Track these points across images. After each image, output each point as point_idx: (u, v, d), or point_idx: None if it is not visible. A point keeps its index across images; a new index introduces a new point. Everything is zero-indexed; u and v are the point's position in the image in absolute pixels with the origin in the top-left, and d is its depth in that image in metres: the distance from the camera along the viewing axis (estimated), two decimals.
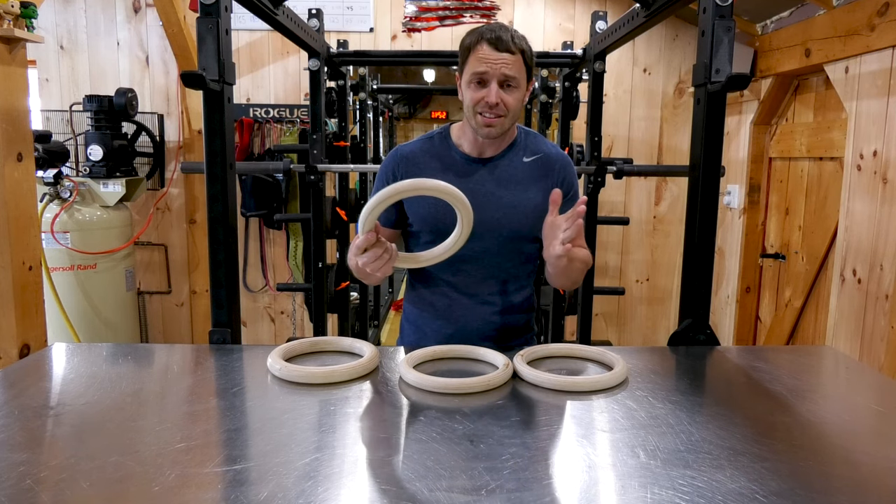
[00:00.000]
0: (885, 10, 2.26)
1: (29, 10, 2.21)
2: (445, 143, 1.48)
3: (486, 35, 1.33)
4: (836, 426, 1.06)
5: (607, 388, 1.17)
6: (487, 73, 1.32)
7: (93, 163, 3.34)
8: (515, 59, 1.32)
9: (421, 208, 1.44)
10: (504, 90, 1.34)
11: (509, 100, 1.34)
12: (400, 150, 1.50)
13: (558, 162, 1.48)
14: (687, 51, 3.75)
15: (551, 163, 1.47)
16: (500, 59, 1.31)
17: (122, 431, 0.98)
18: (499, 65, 1.31)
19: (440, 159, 1.46)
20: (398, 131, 6.93)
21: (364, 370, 1.23)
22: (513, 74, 1.32)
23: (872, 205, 2.38)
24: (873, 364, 2.36)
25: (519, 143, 1.47)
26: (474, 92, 1.35)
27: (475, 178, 1.43)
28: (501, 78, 1.32)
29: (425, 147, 1.48)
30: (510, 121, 1.38)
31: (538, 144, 1.49)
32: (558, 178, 1.46)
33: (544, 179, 1.45)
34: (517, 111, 1.37)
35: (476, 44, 1.34)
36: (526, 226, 1.45)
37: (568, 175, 1.48)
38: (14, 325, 2.28)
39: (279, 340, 3.93)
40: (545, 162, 1.47)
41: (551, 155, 1.48)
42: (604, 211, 3.55)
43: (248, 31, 3.71)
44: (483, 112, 1.35)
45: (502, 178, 1.44)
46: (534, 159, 1.46)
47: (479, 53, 1.33)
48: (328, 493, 0.80)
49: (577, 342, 2.78)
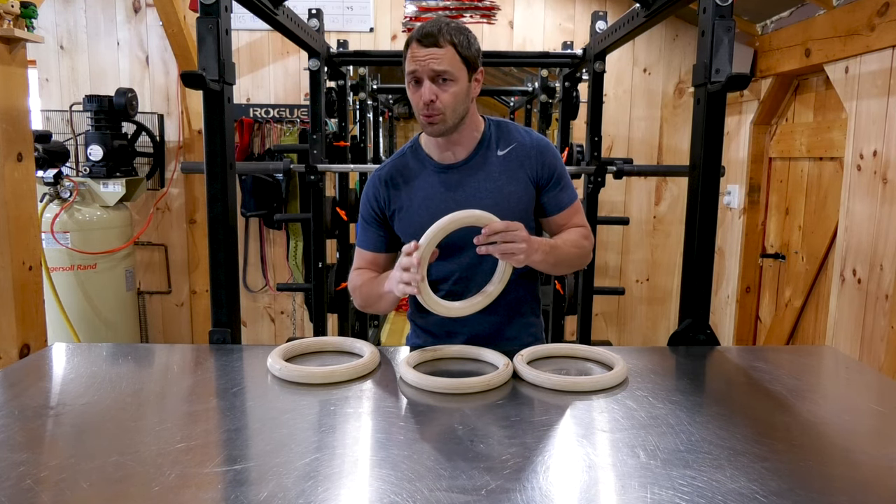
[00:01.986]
0: (885, 10, 2.26)
1: (29, 10, 2.21)
2: (417, 156, 1.47)
3: (416, 34, 1.32)
4: (836, 426, 1.06)
5: (607, 388, 1.17)
6: (417, 70, 1.31)
7: (93, 163, 3.34)
8: (445, 52, 1.29)
9: (409, 227, 1.43)
10: (438, 85, 1.31)
11: (444, 95, 1.31)
12: (378, 173, 1.49)
13: (534, 148, 1.44)
14: (687, 51, 3.75)
15: (526, 151, 1.43)
16: (429, 54, 1.29)
17: (122, 431, 0.98)
18: (427, 61, 1.29)
19: (417, 173, 1.45)
20: (398, 131, 6.93)
21: (364, 370, 1.23)
22: (443, 68, 1.29)
23: (872, 205, 2.38)
24: (873, 364, 2.36)
25: (489, 138, 1.44)
26: (413, 93, 1.34)
27: (454, 185, 1.42)
28: (431, 74, 1.30)
29: (400, 165, 1.47)
30: (452, 116, 1.34)
31: (510, 134, 1.46)
32: (536, 165, 1.43)
33: (521, 169, 1.43)
34: (457, 106, 1.33)
35: (408, 44, 1.33)
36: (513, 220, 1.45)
37: (547, 159, 1.44)
38: (14, 325, 2.28)
39: (279, 340, 3.93)
40: (520, 151, 1.43)
41: (524, 143, 1.44)
42: (604, 211, 3.55)
43: (248, 31, 3.71)
44: (423, 111, 1.33)
45: (479, 178, 1.42)
46: (507, 151, 1.43)
47: (411, 52, 1.32)
48: (328, 493, 0.80)
49: (577, 342, 2.78)
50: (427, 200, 1.42)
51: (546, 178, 1.44)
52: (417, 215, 1.41)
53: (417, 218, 1.40)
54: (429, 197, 1.42)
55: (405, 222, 1.44)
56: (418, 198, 1.43)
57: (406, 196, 1.44)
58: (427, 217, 1.30)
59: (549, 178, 1.44)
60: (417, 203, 1.42)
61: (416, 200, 1.43)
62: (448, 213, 1.25)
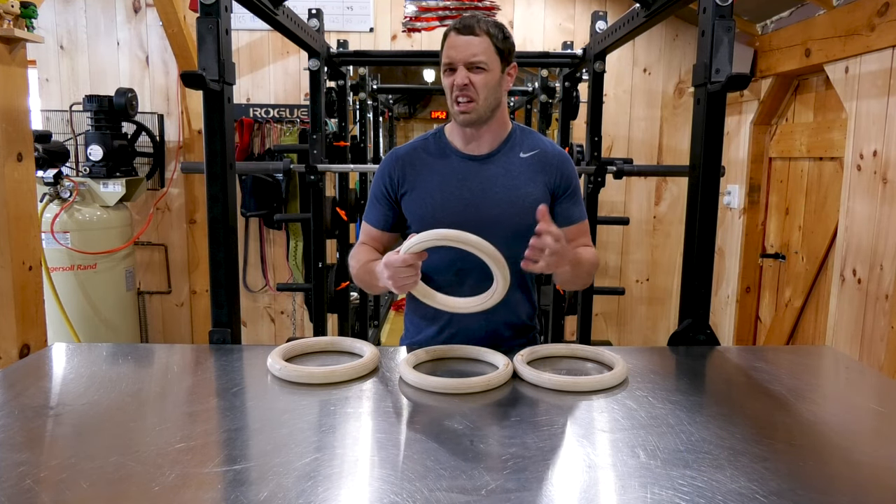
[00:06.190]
0: (885, 10, 2.26)
1: (29, 10, 2.21)
2: (440, 142, 1.48)
3: (454, 24, 1.37)
4: (836, 426, 1.06)
5: (607, 388, 1.17)
6: (454, 57, 1.35)
7: (93, 163, 3.33)
8: (481, 41, 1.34)
9: (419, 208, 1.44)
10: (472, 72, 1.35)
11: (478, 81, 1.35)
12: (396, 152, 1.51)
13: (556, 158, 1.47)
14: (687, 51, 3.74)
15: (549, 158, 1.47)
16: (466, 42, 1.34)
17: (122, 431, 0.98)
18: (464, 49, 1.34)
19: (436, 158, 1.46)
20: (398, 131, 6.93)
21: (364, 370, 1.23)
22: (479, 57, 1.33)
23: (872, 205, 2.38)
24: (873, 364, 2.36)
25: (515, 139, 1.47)
26: (447, 79, 1.38)
27: (472, 176, 1.44)
28: (467, 61, 1.34)
29: (421, 147, 1.49)
30: (484, 105, 1.37)
31: (535, 141, 1.49)
32: (556, 174, 1.46)
33: (542, 174, 1.45)
34: (489, 94, 1.37)
35: (446, 35, 1.37)
36: (525, 222, 1.44)
37: (566, 171, 1.48)
38: (14, 325, 2.28)
39: (279, 340, 3.93)
40: (542, 158, 1.47)
41: (548, 151, 1.48)
42: (604, 211, 3.55)
43: (248, 31, 3.71)
44: (457, 97, 1.37)
45: (499, 174, 1.44)
46: (531, 155, 1.46)
47: (448, 42, 1.36)
48: (328, 493, 0.80)
49: (577, 342, 2.78)
50: (442, 185, 1.43)
51: (563, 188, 1.47)
52: (430, 198, 1.42)
53: (430, 200, 1.42)
54: (444, 182, 1.43)
55: (416, 203, 1.44)
56: (433, 181, 1.43)
57: (421, 178, 1.45)
58: (439, 201, 1.30)
59: (565, 189, 1.47)
60: (432, 186, 1.43)
61: (431, 184, 1.43)
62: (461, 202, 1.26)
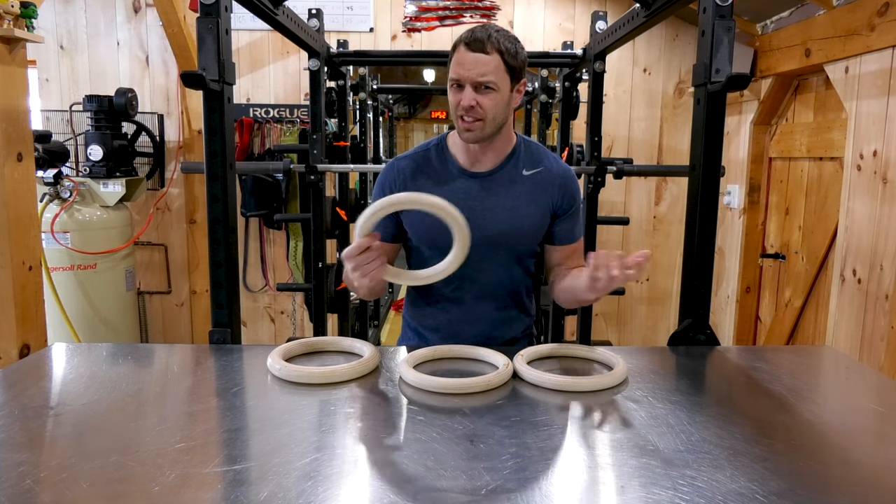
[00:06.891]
0: (885, 10, 2.26)
1: (29, 10, 2.21)
2: (442, 156, 1.45)
3: (465, 37, 1.30)
4: (836, 426, 1.06)
5: (607, 388, 1.17)
6: (462, 75, 1.29)
7: (93, 163, 3.33)
8: (491, 60, 1.28)
9: (417, 223, 1.42)
10: (480, 93, 1.29)
11: (486, 102, 1.29)
12: (396, 163, 1.47)
13: (559, 177, 1.43)
14: (687, 51, 3.75)
15: (552, 178, 1.43)
16: (475, 60, 1.28)
17: (122, 431, 0.98)
18: (472, 67, 1.28)
19: (437, 173, 1.43)
20: (398, 131, 6.93)
21: (364, 370, 1.23)
22: (488, 77, 1.28)
23: (872, 205, 2.38)
24: (873, 364, 2.36)
25: (518, 154, 1.43)
26: (453, 96, 1.32)
27: (472, 193, 1.40)
28: (475, 80, 1.28)
29: (421, 161, 1.45)
30: (491, 125, 1.33)
31: (539, 157, 1.45)
32: (558, 194, 1.43)
33: (543, 195, 1.42)
34: (497, 115, 1.33)
35: (456, 47, 1.32)
36: (523, 242, 1.44)
37: (569, 191, 1.44)
38: (14, 325, 2.28)
39: (279, 340, 3.93)
40: (545, 176, 1.43)
41: (552, 170, 1.44)
42: (604, 211, 3.54)
43: (248, 31, 3.71)
44: (462, 116, 1.32)
45: (500, 192, 1.40)
46: (533, 173, 1.42)
47: (457, 56, 1.31)
48: (328, 493, 0.80)
49: (577, 342, 2.78)
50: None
51: (565, 208, 1.44)
52: (429, 217, 1.39)
53: (429, 219, 1.37)
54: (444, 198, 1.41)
55: (415, 221, 1.42)
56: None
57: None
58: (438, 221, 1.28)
59: (567, 208, 1.44)
60: None
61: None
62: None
